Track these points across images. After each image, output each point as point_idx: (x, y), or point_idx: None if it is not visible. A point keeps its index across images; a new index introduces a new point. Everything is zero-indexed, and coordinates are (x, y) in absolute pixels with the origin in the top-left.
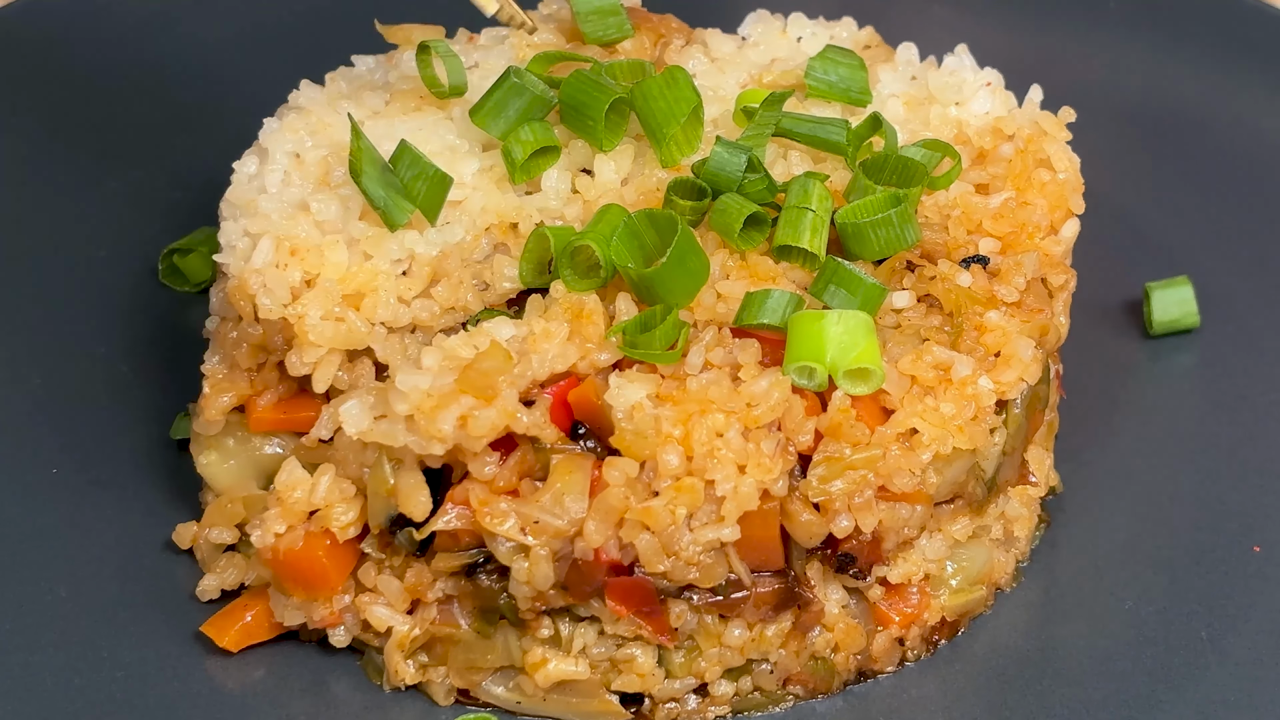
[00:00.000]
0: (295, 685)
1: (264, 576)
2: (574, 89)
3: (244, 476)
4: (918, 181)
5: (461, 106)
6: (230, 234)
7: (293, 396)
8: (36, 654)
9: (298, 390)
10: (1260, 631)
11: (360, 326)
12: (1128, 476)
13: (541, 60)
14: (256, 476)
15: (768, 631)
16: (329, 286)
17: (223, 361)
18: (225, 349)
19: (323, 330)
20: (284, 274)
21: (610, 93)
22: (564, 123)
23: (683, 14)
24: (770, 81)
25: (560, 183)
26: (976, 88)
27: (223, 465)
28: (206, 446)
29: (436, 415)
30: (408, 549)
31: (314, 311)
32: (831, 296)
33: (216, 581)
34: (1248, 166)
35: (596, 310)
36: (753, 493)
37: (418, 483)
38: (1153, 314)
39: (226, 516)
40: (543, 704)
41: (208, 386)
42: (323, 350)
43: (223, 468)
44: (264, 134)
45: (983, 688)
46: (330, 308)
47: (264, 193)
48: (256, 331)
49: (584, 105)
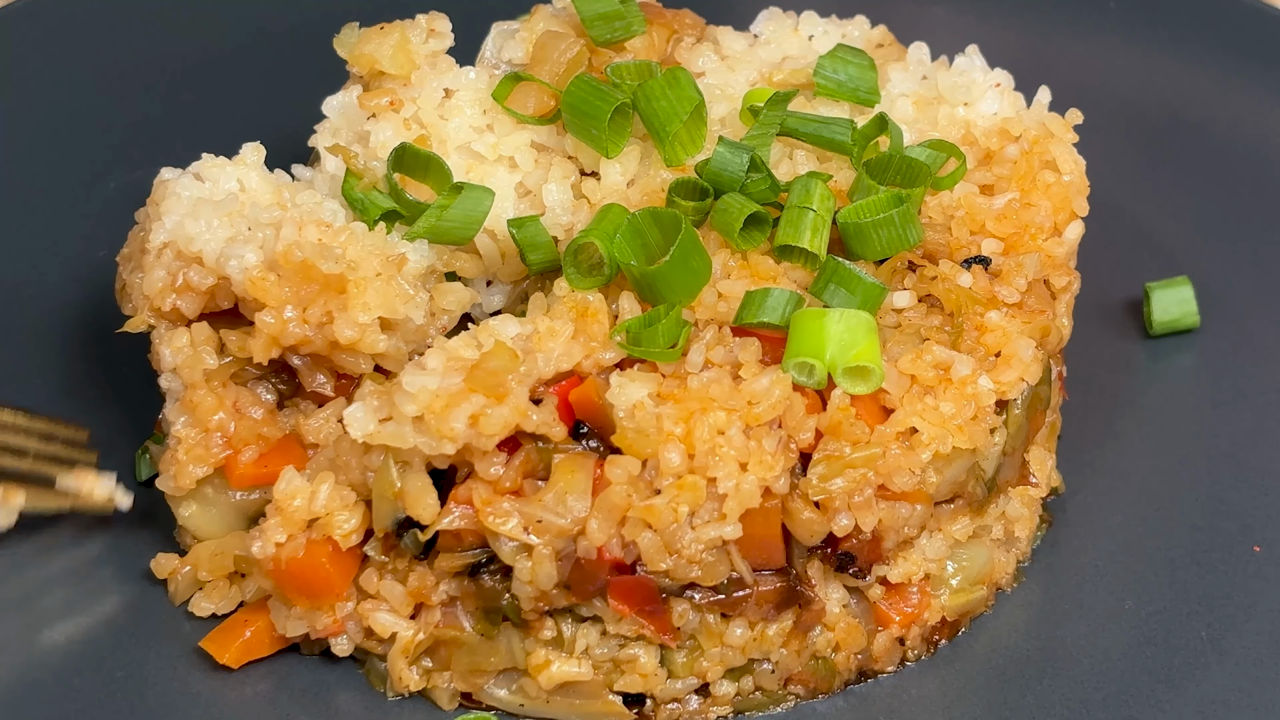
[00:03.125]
0: (297, 691)
1: (263, 589)
2: (577, 95)
3: (229, 523)
4: (921, 182)
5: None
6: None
7: (273, 449)
8: (37, 654)
9: (279, 439)
10: (1260, 631)
11: (408, 289)
12: (1128, 476)
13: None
14: (241, 521)
15: (769, 631)
16: (382, 241)
17: (191, 424)
18: (194, 412)
19: (376, 289)
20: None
21: (612, 99)
22: (568, 129)
23: (695, 10)
24: (780, 80)
25: (561, 194)
26: (986, 88)
27: (206, 515)
28: (186, 499)
29: (448, 414)
30: (413, 551)
31: (365, 265)
32: (831, 296)
33: (210, 606)
34: (1248, 166)
35: (601, 309)
36: (754, 490)
37: (425, 485)
38: (1153, 314)
39: (213, 565)
40: (546, 706)
41: (181, 453)
42: (375, 314)
43: (207, 518)
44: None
45: (983, 688)
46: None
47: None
48: (272, 323)
49: (587, 112)
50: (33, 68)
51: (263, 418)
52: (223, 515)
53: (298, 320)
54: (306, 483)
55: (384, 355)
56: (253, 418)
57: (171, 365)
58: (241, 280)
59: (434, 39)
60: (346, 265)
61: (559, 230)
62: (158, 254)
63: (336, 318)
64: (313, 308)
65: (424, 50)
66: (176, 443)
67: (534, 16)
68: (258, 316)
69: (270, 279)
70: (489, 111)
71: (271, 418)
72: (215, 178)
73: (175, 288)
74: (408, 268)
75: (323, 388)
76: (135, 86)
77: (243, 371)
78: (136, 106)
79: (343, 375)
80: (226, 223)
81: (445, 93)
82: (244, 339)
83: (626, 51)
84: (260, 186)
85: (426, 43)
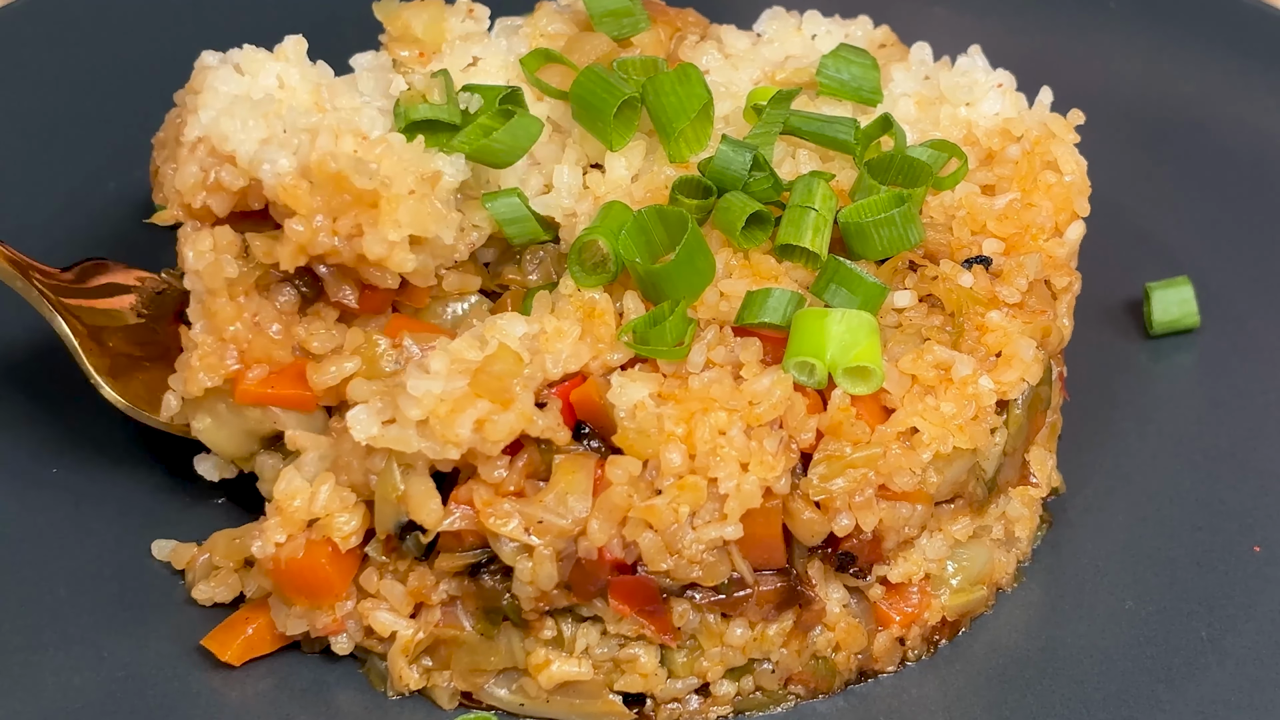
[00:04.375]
0: (297, 690)
1: (264, 587)
2: (586, 87)
3: (238, 443)
4: (923, 182)
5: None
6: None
7: (281, 371)
8: (36, 654)
9: (292, 359)
10: (1260, 631)
11: (440, 208)
12: (1128, 476)
13: (536, 56)
14: (252, 442)
15: (769, 631)
16: (416, 149)
17: (208, 330)
18: (212, 319)
19: (407, 207)
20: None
21: (620, 93)
22: (575, 118)
23: (699, 9)
24: (783, 79)
25: (572, 179)
26: (988, 89)
27: (219, 431)
28: (200, 410)
29: (454, 420)
30: (415, 554)
31: (399, 182)
32: (832, 295)
33: (210, 593)
34: (1248, 166)
35: (608, 309)
36: (755, 490)
37: (429, 489)
38: (1153, 314)
39: (230, 552)
40: (546, 705)
41: (195, 359)
42: (405, 232)
43: (220, 433)
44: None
45: (983, 688)
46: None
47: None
48: (301, 231)
49: (595, 104)
50: (33, 68)
51: (280, 337)
52: (233, 436)
53: (327, 230)
54: (306, 483)
55: (412, 272)
56: (270, 336)
57: (194, 268)
58: (273, 185)
59: (470, 20)
60: (380, 181)
61: (558, 213)
62: (191, 149)
63: (366, 233)
64: (343, 219)
65: (458, 30)
66: (193, 348)
67: (537, 13)
68: (287, 224)
69: (303, 186)
70: (512, 82)
71: (288, 335)
72: (255, 71)
73: (207, 185)
74: (442, 184)
75: (347, 299)
76: (135, 86)
77: (267, 274)
78: (136, 106)
79: (368, 286)
80: (263, 123)
81: (472, 59)
82: (270, 244)
83: (633, 47)
84: (300, 85)
85: (463, 22)
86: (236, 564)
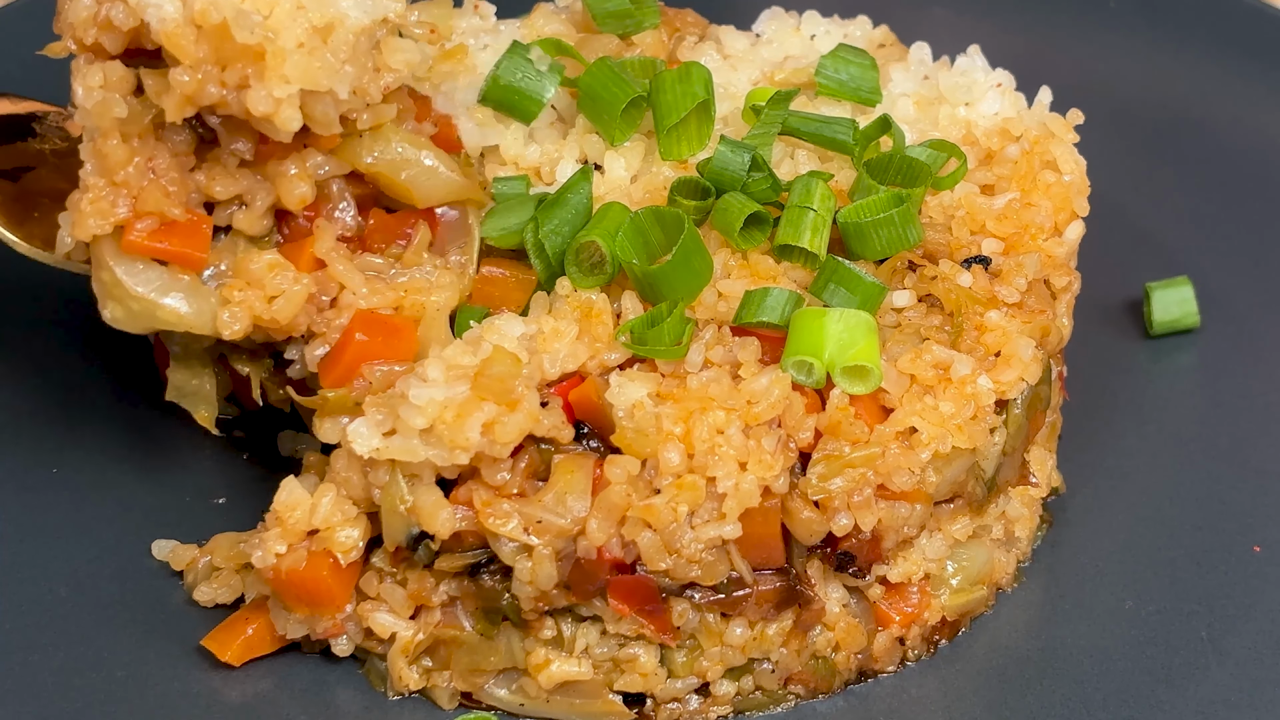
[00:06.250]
0: (297, 690)
1: (264, 591)
2: (598, 79)
3: (144, 325)
4: (922, 182)
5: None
6: None
7: (174, 226)
8: (36, 654)
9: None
10: (1260, 631)
11: (332, 61)
12: (1128, 476)
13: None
14: (154, 323)
15: (769, 630)
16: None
17: (98, 171)
18: (103, 160)
19: (295, 62)
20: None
21: (630, 89)
22: (580, 108)
23: (698, 9)
24: (782, 79)
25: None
26: (987, 88)
27: (123, 310)
28: (109, 298)
29: (461, 424)
30: (425, 562)
31: (287, 35)
32: (831, 295)
33: (212, 595)
34: (1248, 166)
35: (605, 309)
36: (754, 489)
37: (437, 498)
38: (1153, 314)
39: (230, 555)
40: (546, 705)
41: (85, 203)
42: (294, 88)
43: (125, 312)
44: None
45: (983, 688)
46: (300, 37)
47: None
48: (186, 81)
49: (605, 96)
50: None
51: (176, 190)
52: (134, 317)
53: (215, 81)
54: (307, 494)
55: (314, 119)
56: (163, 187)
57: (83, 104)
58: (158, 31)
59: (476, 16)
60: (264, 35)
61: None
62: None
63: (252, 87)
64: (230, 70)
65: (462, 24)
66: (84, 190)
67: (535, 14)
68: (171, 73)
69: (189, 34)
70: None
71: (184, 186)
72: None
73: (98, 22)
74: (344, 28)
75: (242, 151)
76: None
77: (164, 116)
78: None
79: (265, 140)
80: None
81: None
82: (163, 84)
83: (635, 46)
84: None
85: (470, 19)
86: (237, 566)
